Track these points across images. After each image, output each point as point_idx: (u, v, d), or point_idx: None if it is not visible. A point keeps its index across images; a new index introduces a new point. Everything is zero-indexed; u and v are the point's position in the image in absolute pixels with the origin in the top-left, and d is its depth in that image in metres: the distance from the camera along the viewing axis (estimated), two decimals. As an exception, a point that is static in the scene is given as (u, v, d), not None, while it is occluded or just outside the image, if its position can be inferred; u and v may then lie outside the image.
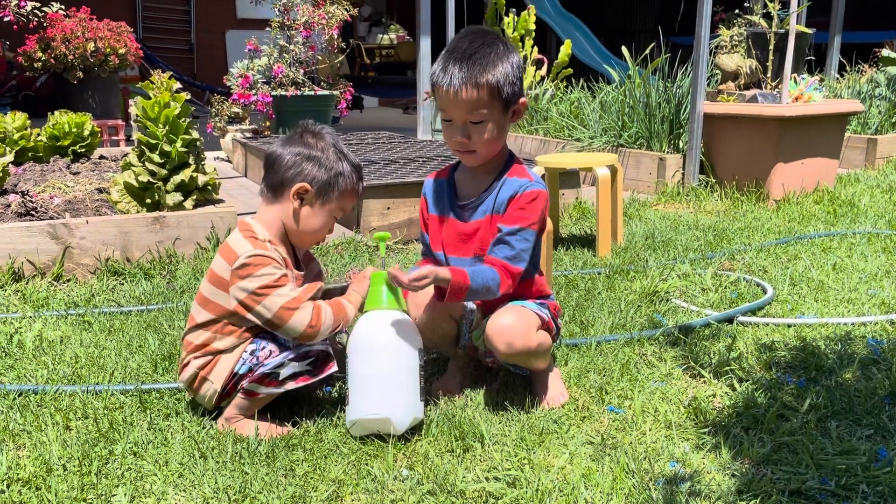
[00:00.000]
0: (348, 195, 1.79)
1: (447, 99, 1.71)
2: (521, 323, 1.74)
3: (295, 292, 1.68)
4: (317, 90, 5.83)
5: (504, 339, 1.71)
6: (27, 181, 3.85)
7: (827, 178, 4.29)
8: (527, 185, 1.77)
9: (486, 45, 1.71)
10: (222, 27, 11.20)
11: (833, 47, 6.70)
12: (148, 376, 2.03)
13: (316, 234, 1.80)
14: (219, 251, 1.75)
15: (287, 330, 1.67)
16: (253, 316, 1.68)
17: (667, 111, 4.66)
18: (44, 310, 2.55)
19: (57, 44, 5.75)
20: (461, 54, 1.70)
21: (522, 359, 1.78)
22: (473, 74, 1.67)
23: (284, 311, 1.65)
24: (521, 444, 1.65)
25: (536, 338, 1.76)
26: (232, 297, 1.68)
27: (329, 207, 1.78)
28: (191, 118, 3.25)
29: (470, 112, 1.70)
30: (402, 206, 3.58)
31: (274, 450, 1.62)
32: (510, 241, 1.74)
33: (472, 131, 1.72)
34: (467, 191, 1.85)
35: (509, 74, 1.71)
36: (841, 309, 2.46)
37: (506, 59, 1.71)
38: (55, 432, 1.70)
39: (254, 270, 1.66)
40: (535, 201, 1.76)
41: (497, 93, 1.70)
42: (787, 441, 1.63)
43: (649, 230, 3.53)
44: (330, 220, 1.80)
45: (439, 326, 1.86)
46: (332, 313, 1.70)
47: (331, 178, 1.75)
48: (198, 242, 3.11)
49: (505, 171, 1.80)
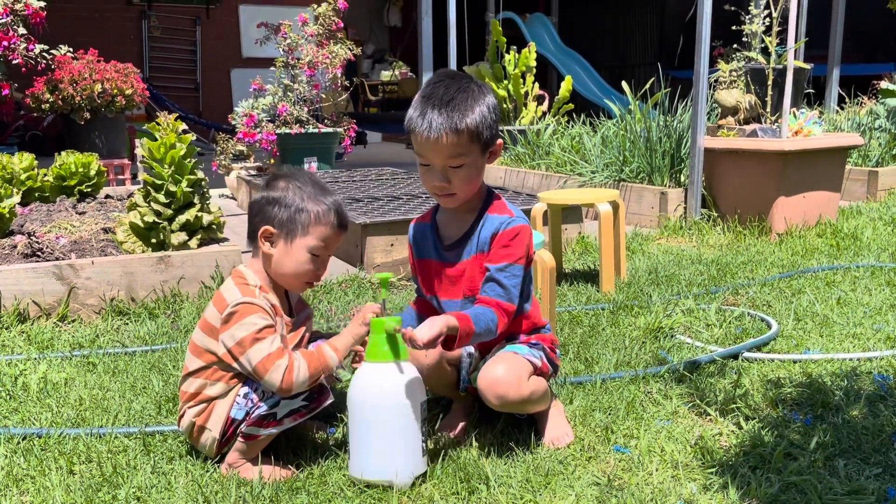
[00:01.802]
0: (319, 228, 1.74)
1: (426, 145, 1.71)
2: (513, 374, 1.73)
3: (273, 347, 1.65)
4: (321, 128, 5.90)
5: (495, 392, 1.71)
6: (33, 221, 3.88)
7: (829, 211, 4.30)
8: (507, 221, 1.78)
9: (462, 89, 1.72)
10: (227, 66, 11.37)
11: (832, 80, 6.77)
12: (152, 418, 2.02)
13: (299, 276, 1.76)
14: (212, 299, 1.76)
15: (264, 385, 1.68)
16: (238, 366, 1.69)
17: (668, 146, 4.70)
18: (48, 351, 2.55)
19: (65, 85, 5.85)
20: (438, 100, 1.70)
21: (517, 407, 1.78)
22: (453, 121, 1.68)
23: (261, 367, 1.64)
24: (527, 485, 1.64)
25: (528, 386, 1.76)
26: (221, 343, 1.69)
27: (300, 245, 1.73)
28: (196, 158, 3.29)
29: (450, 157, 1.71)
30: (406, 242, 3.59)
31: (278, 493, 1.61)
32: (499, 278, 1.74)
33: (451, 175, 1.73)
34: (449, 233, 1.86)
35: (486, 118, 1.72)
36: (846, 344, 2.45)
37: (482, 102, 1.72)
38: (59, 477, 1.69)
39: (239, 319, 1.66)
40: (518, 237, 1.77)
41: (476, 137, 1.71)
42: (794, 481, 1.61)
43: (652, 265, 3.54)
44: (309, 259, 1.74)
45: (439, 375, 1.86)
46: (306, 368, 1.67)
47: (291, 216, 1.73)
48: (202, 281, 3.12)
49: (485, 209, 1.82)
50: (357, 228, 3.54)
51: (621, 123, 5.22)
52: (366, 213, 3.74)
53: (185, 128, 3.21)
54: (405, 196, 4.30)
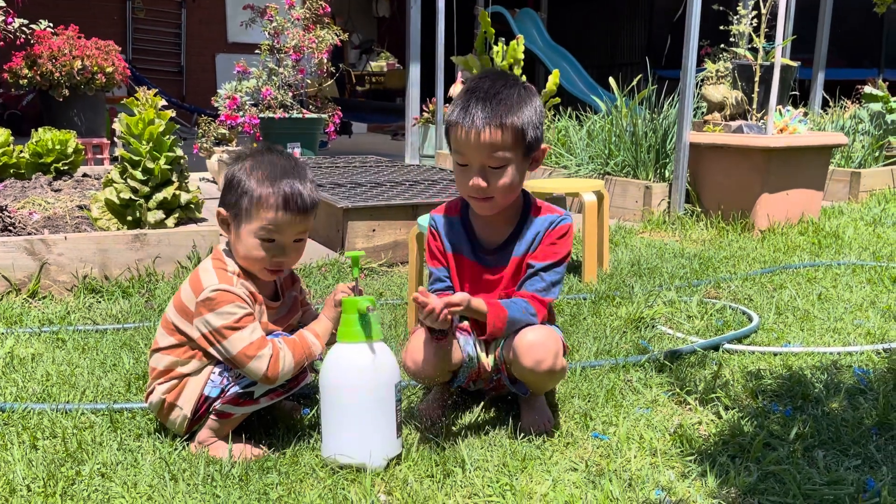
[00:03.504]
0: (262, 213, 1.62)
1: (466, 140, 1.62)
2: (553, 343, 1.68)
3: (255, 335, 1.60)
4: (305, 113, 5.83)
5: (534, 356, 1.65)
6: (6, 197, 3.80)
7: (811, 209, 4.31)
8: (557, 219, 1.73)
9: (509, 86, 1.64)
10: (212, 50, 11.25)
11: (817, 83, 6.81)
12: (121, 395, 1.97)
13: (253, 263, 1.65)
14: (188, 278, 1.69)
15: (246, 373, 1.62)
16: (214, 351, 1.63)
17: (653, 140, 4.69)
18: (17, 327, 2.49)
19: (43, 61, 5.73)
20: (483, 94, 1.62)
21: (542, 378, 1.71)
22: (498, 114, 1.59)
23: (243, 356, 1.59)
24: (504, 469, 1.61)
25: (561, 361, 1.71)
26: (195, 328, 1.63)
27: (247, 230, 1.63)
28: (175, 135, 3.22)
29: (490, 155, 1.62)
30: (388, 228, 3.55)
31: (248, 472, 1.56)
32: (542, 275, 1.70)
33: (490, 176, 1.64)
34: (489, 237, 1.77)
35: (533, 118, 1.64)
36: (827, 338, 2.44)
37: (529, 102, 1.64)
38: (21, 451, 1.64)
39: (217, 307, 1.59)
40: (565, 236, 1.73)
41: (521, 136, 1.62)
42: (773, 470, 1.59)
43: (635, 257, 3.52)
44: (258, 244, 1.63)
45: (437, 379, 1.80)
46: (291, 357, 1.62)
47: (237, 199, 1.64)
48: (178, 261, 3.06)
49: (527, 214, 1.75)
50: (338, 213, 3.49)
51: (607, 118, 5.21)
52: (348, 197, 3.69)
53: (164, 104, 3.15)
54: (388, 183, 4.26)
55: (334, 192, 3.86)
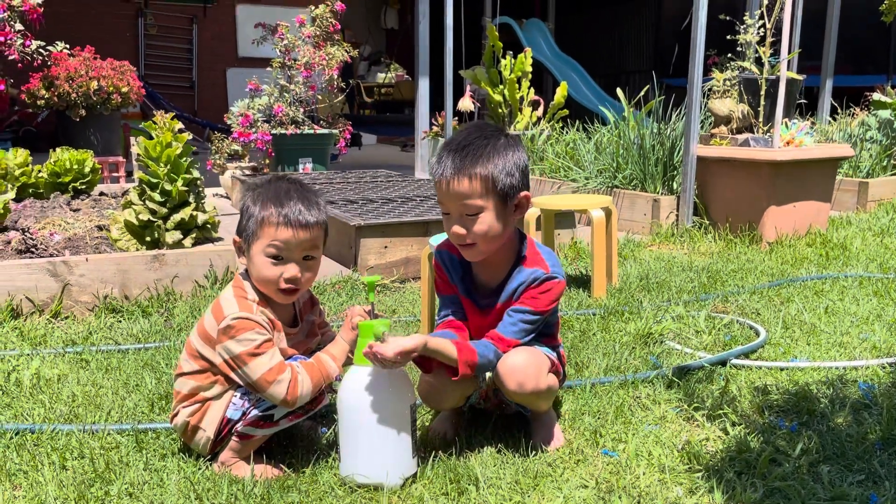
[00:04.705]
0: (266, 229, 1.70)
1: (440, 191, 1.71)
2: (534, 364, 1.75)
3: (274, 360, 1.67)
4: (316, 129, 5.91)
5: (516, 379, 1.72)
6: (27, 217, 3.88)
7: (819, 221, 4.35)
8: (542, 276, 1.76)
9: (484, 137, 1.71)
10: (223, 65, 11.38)
11: (825, 91, 6.83)
12: (144, 415, 2.03)
13: (267, 283, 1.72)
14: (210, 307, 1.76)
15: (266, 397, 1.69)
16: (236, 377, 1.70)
17: (661, 153, 4.73)
18: (42, 347, 2.56)
19: (60, 82, 5.84)
20: (456, 146, 1.70)
21: (530, 399, 1.79)
22: (465, 165, 1.67)
23: (263, 381, 1.65)
24: (516, 487, 1.66)
25: (546, 380, 1.78)
26: (218, 354, 1.71)
27: (255, 250, 1.72)
28: (192, 157, 3.30)
29: (463, 203, 1.68)
30: (400, 244, 3.61)
31: (269, 492, 1.62)
32: (515, 317, 1.76)
33: (468, 223, 1.70)
34: (484, 279, 1.84)
35: (506, 166, 1.69)
36: (833, 353, 2.48)
37: (503, 152, 1.70)
38: (51, 472, 1.70)
39: (237, 334, 1.66)
40: (548, 293, 1.76)
41: (492, 184, 1.67)
42: (779, 486, 1.64)
43: (644, 271, 3.57)
44: (268, 262, 1.70)
45: (451, 406, 1.88)
46: (309, 381, 1.69)
47: (245, 223, 1.74)
48: (196, 280, 3.13)
49: (518, 264, 1.80)
50: (351, 230, 3.56)
51: (615, 130, 5.26)
52: (360, 214, 3.76)
53: (181, 127, 3.22)
54: (399, 199, 4.32)
55: (346, 209, 3.93)
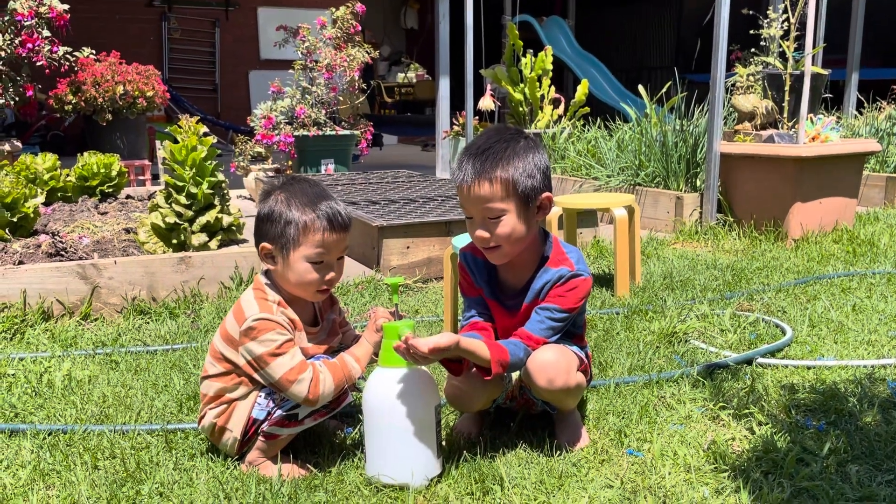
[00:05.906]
0: (311, 236, 1.72)
1: (462, 195, 1.72)
2: (563, 361, 1.75)
3: (295, 360, 1.69)
4: (338, 130, 5.95)
5: (546, 376, 1.73)
6: (56, 221, 3.96)
7: (846, 216, 4.29)
8: (568, 274, 1.76)
9: (503, 140, 1.72)
10: (246, 67, 11.49)
11: (851, 84, 6.74)
12: (173, 416, 2.07)
13: (307, 287, 1.75)
14: (232, 309, 1.79)
15: (289, 396, 1.71)
16: (259, 377, 1.73)
17: (683, 150, 4.70)
18: (72, 349, 2.61)
19: (87, 87, 5.94)
20: (475, 150, 1.71)
21: (559, 396, 1.79)
22: (485, 169, 1.68)
23: (285, 380, 1.67)
24: (541, 487, 1.66)
25: (575, 377, 1.78)
26: (240, 355, 1.73)
27: (296, 257, 1.73)
28: (216, 160, 3.34)
29: (485, 207, 1.70)
30: (422, 244, 3.63)
31: (296, 491, 1.64)
32: (542, 315, 1.76)
33: (490, 226, 1.71)
34: (509, 281, 1.85)
35: (526, 168, 1.70)
36: (861, 351, 2.45)
37: (523, 154, 1.70)
38: (84, 472, 1.74)
39: (258, 335, 1.69)
40: (574, 290, 1.77)
41: (512, 187, 1.69)
42: (806, 486, 1.63)
43: (667, 270, 3.55)
44: (310, 268, 1.73)
45: (479, 408, 1.88)
46: (331, 380, 1.70)
47: (282, 230, 1.73)
48: (222, 282, 3.17)
49: (544, 263, 1.80)
50: (374, 231, 3.58)
51: (637, 128, 5.23)
52: (382, 215, 3.78)
53: (206, 130, 3.27)
54: (421, 199, 4.34)
55: (369, 209, 3.95)
